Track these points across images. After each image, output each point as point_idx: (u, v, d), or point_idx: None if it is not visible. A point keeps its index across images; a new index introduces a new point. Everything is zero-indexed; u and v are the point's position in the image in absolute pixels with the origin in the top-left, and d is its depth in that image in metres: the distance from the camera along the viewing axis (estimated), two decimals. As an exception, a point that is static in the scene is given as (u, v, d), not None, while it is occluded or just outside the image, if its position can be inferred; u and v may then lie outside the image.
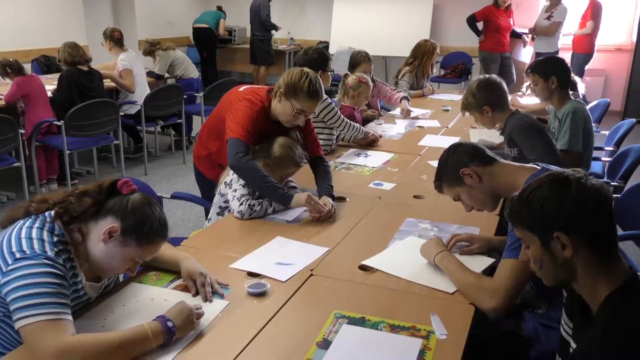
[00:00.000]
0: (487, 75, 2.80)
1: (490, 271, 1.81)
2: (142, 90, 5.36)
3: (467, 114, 2.86)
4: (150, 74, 5.89)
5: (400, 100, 4.36)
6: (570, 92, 3.14)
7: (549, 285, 1.33)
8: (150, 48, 6.05)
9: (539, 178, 1.31)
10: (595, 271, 1.25)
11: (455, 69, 7.97)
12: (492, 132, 3.47)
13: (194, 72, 6.29)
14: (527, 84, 4.25)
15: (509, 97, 2.94)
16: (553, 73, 3.03)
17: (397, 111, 4.41)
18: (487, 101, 2.71)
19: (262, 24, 8.11)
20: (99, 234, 1.47)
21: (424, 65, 4.92)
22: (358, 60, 4.17)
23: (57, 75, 5.31)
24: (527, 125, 2.62)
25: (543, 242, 1.28)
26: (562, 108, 3.04)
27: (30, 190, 4.50)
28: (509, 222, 1.54)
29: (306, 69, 2.40)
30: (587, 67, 7.14)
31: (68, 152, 4.51)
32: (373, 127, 3.90)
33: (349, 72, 3.80)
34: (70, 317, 1.35)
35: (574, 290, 1.32)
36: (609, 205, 1.25)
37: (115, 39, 5.30)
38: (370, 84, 3.76)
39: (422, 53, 4.90)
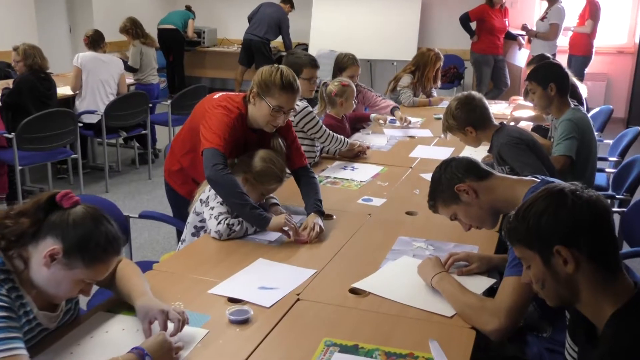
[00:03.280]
0: (465, 93, 2.85)
1: (490, 292, 1.86)
2: (99, 98, 5.34)
3: (449, 135, 2.91)
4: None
5: (392, 111, 4.43)
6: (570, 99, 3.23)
7: (553, 305, 1.39)
8: (128, 28, 6.16)
9: (534, 194, 1.38)
10: (598, 288, 1.31)
11: (447, 73, 8.11)
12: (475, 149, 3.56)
13: (153, 77, 6.32)
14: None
15: (504, 106, 2.98)
16: (551, 80, 3.12)
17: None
18: (468, 121, 2.75)
19: (274, 31, 8.14)
20: (40, 257, 1.45)
21: (426, 76, 5.01)
22: (345, 63, 4.24)
23: (4, 82, 5.29)
24: (515, 141, 2.65)
25: (544, 258, 1.34)
26: (561, 117, 3.14)
27: (-24, 210, 4.44)
28: (508, 242, 1.59)
29: (276, 65, 2.46)
30: (587, 70, 7.32)
31: (20, 167, 4.47)
32: (359, 137, 3.95)
33: (327, 81, 3.86)
34: (25, 352, 1.34)
35: (577, 312, 1.38)
36: (607, 218, 1.32)
37: (86, 43, 5.48)
38: (353, 85, 3.84)
39: (424, 63, 5.00)
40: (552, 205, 1.33)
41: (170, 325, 1.58)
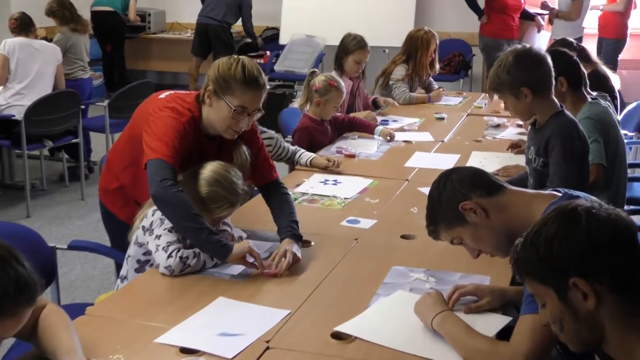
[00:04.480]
0: (527, 45, 2.77)
1: (505, 333, 1.88)
2: (29, 94, 5.32)
3: (495, 97, 2.80)
4: None
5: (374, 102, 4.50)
6: (595, 94, 3.26)
7: (576, 350, 1.40)
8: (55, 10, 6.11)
9: (545, 215, 1.39)
10: (626, 325, 1.33)
11: (450, 62, 8.19)
12: (486, 155, 3.60)
13: (83, 71, 6.30)
14: None
15: None
16: (561, 72, 3.12)
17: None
18: (526, 80, 2.63)
19: (234, 12, 8.12)
20: None
21: (420, 63, 5.07)
22: (351, 46, 4.32)
23: None
24: (576, 136, 2.63)
25: (559, 293, 1.36)
26: (578, 115, 3.17)
27: None
28: (517, 276, 1.62)
29: (236, 55, 2.48)
30: (620, 56, 7.42)
31: None
32: (344, 143, 3.97)
33: (316, 70, 3.90)
34: None
35: (606, 355, 1.40)
36: (631, 239, 1.34)
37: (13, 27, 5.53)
38: (343, 89, 3.86)
39: (414, 48, 5.05)
40: (564, 228, 1.34)
41: None
